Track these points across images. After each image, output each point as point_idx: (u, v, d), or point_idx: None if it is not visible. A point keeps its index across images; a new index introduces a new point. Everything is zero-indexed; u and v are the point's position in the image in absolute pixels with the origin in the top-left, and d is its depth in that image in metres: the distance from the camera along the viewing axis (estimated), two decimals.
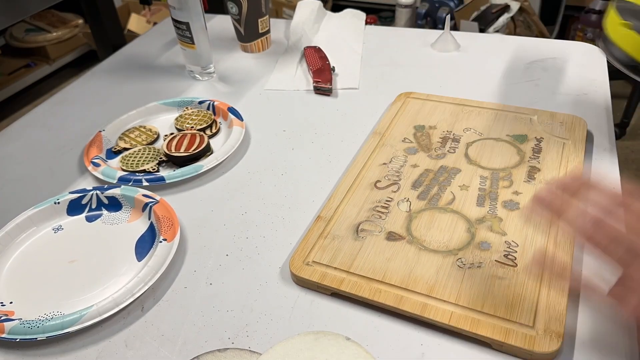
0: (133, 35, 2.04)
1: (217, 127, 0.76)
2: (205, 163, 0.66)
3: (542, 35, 2.01)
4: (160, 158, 0.69)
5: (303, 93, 0.84)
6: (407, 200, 0.58)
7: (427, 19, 2.05)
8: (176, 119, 0.77)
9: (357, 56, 0.92)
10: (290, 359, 0.41)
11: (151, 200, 0.60)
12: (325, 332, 0.43)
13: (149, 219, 0.59)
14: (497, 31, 1.89)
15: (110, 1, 1.35)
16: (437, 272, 0.49)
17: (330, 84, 0.82)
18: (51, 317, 0.48)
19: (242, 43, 0.97)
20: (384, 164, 0.64)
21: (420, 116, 0.72)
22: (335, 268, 0.51)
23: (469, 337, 0.45)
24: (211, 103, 0.79)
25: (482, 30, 1.87)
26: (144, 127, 0.76)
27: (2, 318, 0.48)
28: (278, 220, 0.59)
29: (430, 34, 0.96)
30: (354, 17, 1.05)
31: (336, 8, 1.41)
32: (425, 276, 0.49)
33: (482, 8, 1.93)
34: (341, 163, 0.67)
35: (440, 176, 0.61)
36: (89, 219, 0.61)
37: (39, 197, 0.63)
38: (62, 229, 0.60)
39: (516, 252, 0.50)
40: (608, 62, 0.75)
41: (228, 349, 0.45)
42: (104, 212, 0.62)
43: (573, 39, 1.89)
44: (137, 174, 0.66)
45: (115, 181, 0.65)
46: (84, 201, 0.62)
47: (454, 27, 1.93)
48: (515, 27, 1.96)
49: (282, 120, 0.77)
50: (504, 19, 1.90)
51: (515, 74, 0.82)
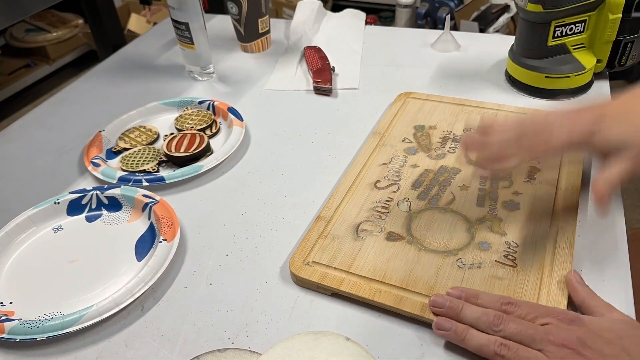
0: (133, 35, 2.04)
1: (217, 127, 0.76)
2: (205, 163, 0.66)
3: None
4: (160, 158, 0.69)
5: (303, 93, 0.84)
6: (407, 201, 0.58)
7: (427, 19, 2.05)
8: (176, 119, 0.77)
9: (357, 56, 0.92)
10: (290, 359, 0.41)
11: (151, 200, 0.60)
12: (325, 332, 0.43)
13: (149, 219, 0.59)
14: (497, 31, 1.89)
15: (110, 1, 1.34)
16: (437, 273, 0.49)
17: (330, 84, 0.82)
18: (51, 317, 0.48)
19: (242, 43, 0.97)
20: (384, 164, 0.64)
21: (420, 116, 0.72)
22: (335, 268, 0.51)
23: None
24: (211, 103, 0.79)
25: (482, 30, 1.88)
26: (144, 127, 0.76)
27: (2, 318, 0.48)
28: (278, 220, 0.59)
29: (430, 34, 0.96)
30: (354, 17, 1.05)
31: (336, 8, 1.41)
32: (425, 276, 0.49)
33: (482, 8, 1.93)
34: (341, 163, 0.67)
35: (440, 176, 0.61)
36: (89, 219, 0.61)
37: (39, 197, 0.63)
38: (62, 229, 0.60)
39: (516, 252, 0.50)
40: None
41: (228, 349, 0.45)
42: (104, 212, 0.62)
43: None
44: (137, 174, 0.66)
45: (115, 181, 0.65)
46: (84, 201, 0.62)
47: (454, 27, 1.93)
48: (515, 27, 1.96)
49: (282, 120, 0.77)
50: (504, 19, 1.90)
51: None
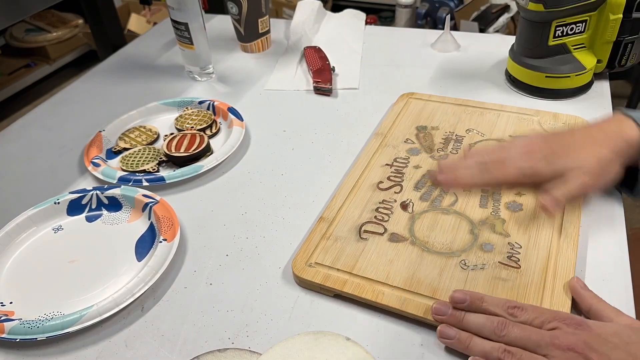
0: (133, 35, 2.04)
1: (217, 127, 0.76)
2: (205, 163, 0.66)
3: None
4: (160, 158, 0.69)
5: (303, 93, 0.84)
6: (410, 202, 0.58)
7: (427, 19, 2.05)
8: (176, 119, 0.77)
9: (357, 56, 0.92)
10: (290, 359, 0.41)
11: (151, 200, 0.60)
12: (325, 332, 0.43)
13: (149, 219, 0.59)
14: (497, 31, 1.89)
15: (110, 1, 1.34)
16: (441, 274, 0.49)
17: (330, 84, 0.82)
18: (51, 317, 0.48)
19: (242, 43, 0.97)
20: (387, 164, 0.63)
21: (423, 117, 0.72)
22: (338, 269, 0.50)
23: None
24: (211, 103, 0.79)
25: (482, 30, 1.87)
26: (144, 127, 0.76)
27: (2, 318, 0.48)
28: (278, 220, 0.59)
29: (430, 34, 0.96)
30: (354, 17, 1.05)
31: (336, 8, 1.41)
32: (428, 278, 0.49)
33: (482, 8, 1.93)
34: (341, 163, 0.67)
35: None
36: (89, 219, 0.61)
37: (39, 197, 0.63)
38: (62, 229, 0.60)
39: (519, 253, 0.50)
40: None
41: (228, 349, 0.45)
42: (104, 212, 0.62)
43: None
44: (137, 174, 0.66)
45: (115, 181, 0.65)
46: (84, 201, 0.62)
47: (454, 27, 1.93)
48: (515, 27, 1.96)
49: (282, 120, 0.77)
50: (504, 19, 1.90)
51: None
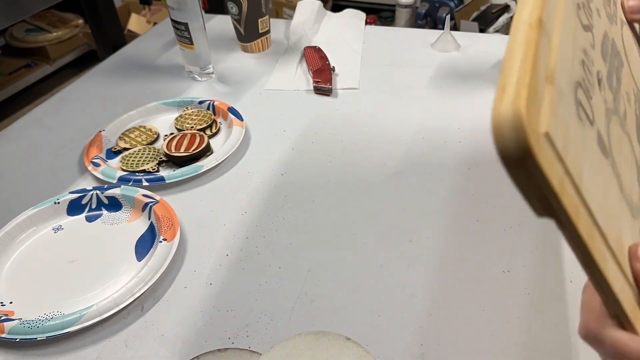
0: (133, 35, 2.04)
1: (217, 127, 0.76)
2: (205, 163, 0.66)
3: None
4: (160, 158, 0.69)
5: (303, 93, 0.84)
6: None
7: (427, 19, 2.05)
8: (176, 119, 0.77)
9: (357, 56, 0.92)
10: (291, 358, 0.41)
11: (151, 200, 0.60)
12: (325, 332, 0.43)
13: (149, 218, 0.59)
14: (497, 31, 1.89)
15: (110, 1, 1.34)
16: None
17: (330, 84, 0.82)
18: (51, 317, 0.48)
19: (242, 43, 0.97)
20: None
21: None
22: (566, 170, 0.22)
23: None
24: (211, 103, 0.79)
25: (482, 30, 1.87)
26: (144, 127, 0.76)
27: (2, 318, 0.48)
28: (278, 220, 0.59)
29: (430, 34, 0.96)
30: (354, 17, 1.05)
31: (336, 8, 1.41)
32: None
33: (482, 8, 1.93)
34: (341, 163, 0.67)
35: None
36: (89, 219, 0.61)
37: (39, 197, 0.63)
38: (62, 229, 0.60)
39: None
40: None
41: (228, 349, 0.45)
42: (104, 212, 0.62)
43: None
44: (137, 174, 0.66)
45: (115, 181, 0.65)
46: (84, 201, 0.62)
47: (454, 27, 1.93)
48: None
49: (282, 120, 0.77)
50: (504, 19, 1.90)
51: None
